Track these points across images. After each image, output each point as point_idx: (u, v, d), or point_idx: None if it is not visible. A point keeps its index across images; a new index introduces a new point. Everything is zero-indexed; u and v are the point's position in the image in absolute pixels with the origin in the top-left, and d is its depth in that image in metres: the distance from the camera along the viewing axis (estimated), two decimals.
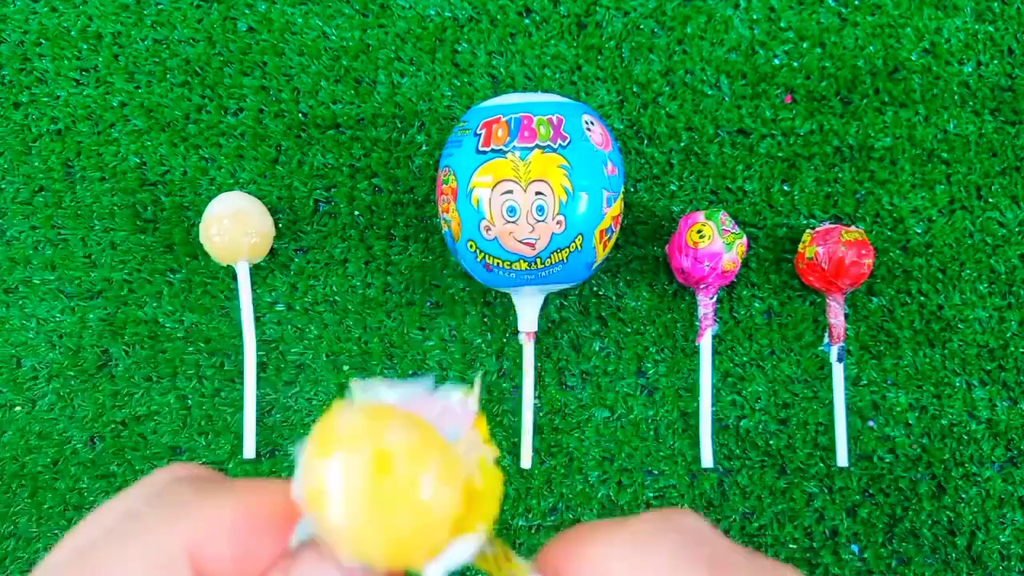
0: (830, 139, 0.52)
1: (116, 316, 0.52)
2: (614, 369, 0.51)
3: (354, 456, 0.17)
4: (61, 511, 0.51)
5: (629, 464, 0.51)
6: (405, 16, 0.53)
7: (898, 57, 0.52)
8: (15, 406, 0.52)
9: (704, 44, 0.52)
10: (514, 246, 0.44)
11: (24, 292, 0.52)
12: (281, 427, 0.51)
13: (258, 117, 0.53)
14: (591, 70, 0.53)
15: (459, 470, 0.18)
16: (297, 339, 0.52)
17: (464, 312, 0.52)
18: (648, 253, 0.52)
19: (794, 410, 0.51)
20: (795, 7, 0.53)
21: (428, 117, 0.53)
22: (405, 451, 0.17)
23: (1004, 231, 0.51)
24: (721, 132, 0.52)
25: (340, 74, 0.53)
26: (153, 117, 0.53)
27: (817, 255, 0.48)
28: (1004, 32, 0.52)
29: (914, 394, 0.50)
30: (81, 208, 0.53)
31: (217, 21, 0.53)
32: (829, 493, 0.50)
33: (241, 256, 0.49)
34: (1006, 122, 0.52)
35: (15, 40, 0.54)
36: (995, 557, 0.49)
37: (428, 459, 0.17)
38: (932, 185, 0.52)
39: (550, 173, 0.43)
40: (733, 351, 0.51)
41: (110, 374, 0.52)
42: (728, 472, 0.50)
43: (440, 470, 0.17)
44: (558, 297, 0.52)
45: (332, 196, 0.53)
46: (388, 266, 0.52)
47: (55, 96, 0.53)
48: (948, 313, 0.51)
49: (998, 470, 0.50)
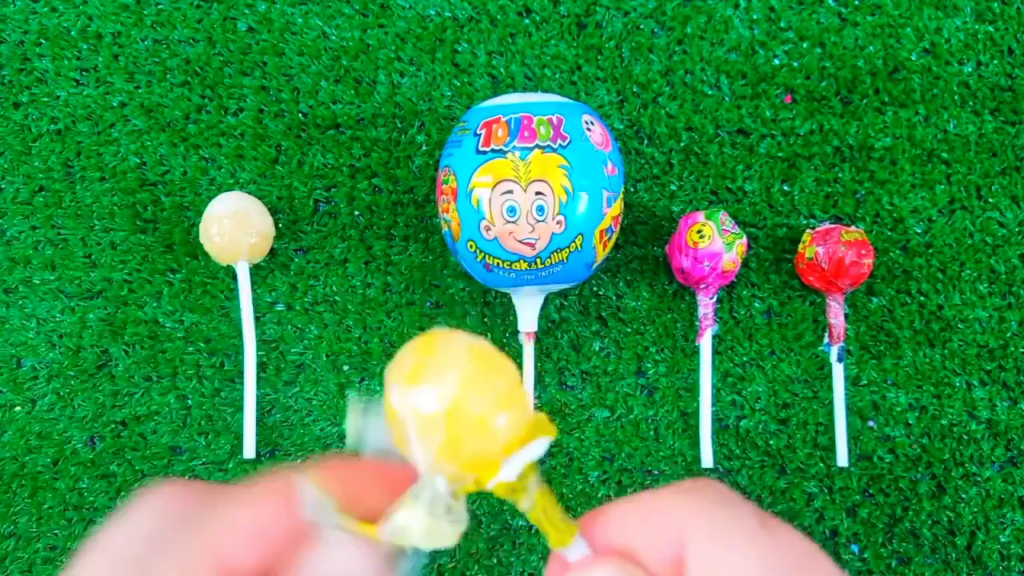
0: (830, 139, 0.52)
1: (116, 316, 0.52)
2: (614, 369, 0.51)
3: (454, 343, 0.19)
4: (61, 511, 0.51)
5: (629, 464, 0.51)
6: (405, 16, 0.53)
7: (898, 57, 0.52)
8: (15, 406, 0.52)
9: (704, 44, 0.52)
10: (514, 246, 0.44)
11: (24, 292, 0.52)
12: (281, 427, 0.51)
13: (258, 117, 0.53)
14: (591, 70, 0.53)
15: (522, 389, 0.20)
16: (297, 339, 0.52)
17: (464, 312, 0.52)
18: (648, 253, 0.52)
19: (794, 410, 0.51)
20: (795, 7, 0.53)
21: (428, 117, 0.53)
22: (487, 352, 0.19)
23: (1004, 231, 0.51)
24: (721, 132, 0.52)
25: (340, 74, 0.53)
26: (153, 117, 0.53)
27: (817, 255, 0.48)
28: (1004, 32, 0.52)
29: (914, 394, 0.50)
30: (81, 208, 0.53)
31: (217, 21, 0.53)
32: (829, 493, 0.50)
33: (241, 256, 0.49)
34: (1006, 122, 0.52)
35: (15, 40, 0.54)
36: (995, 557, 0.49)
37: (504, 365, 0.20)
38: (932, 185, 0.52)
39: (550, 173, 0.43)
40: (733, 351, 0.51)
41: (110, 374, 0.52)
42: (728, 472, 0.50)
43: (516, 380, 0.20)
44: (558, 297, 0.52)
45: (332, 196, 0.53)
46: (388, 266, 0.52)
47: (55, 96, 0.53)
48: (948, 313, 0.51)
49: (998, 470, 0.50)
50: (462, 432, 0.18)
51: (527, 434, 0.19)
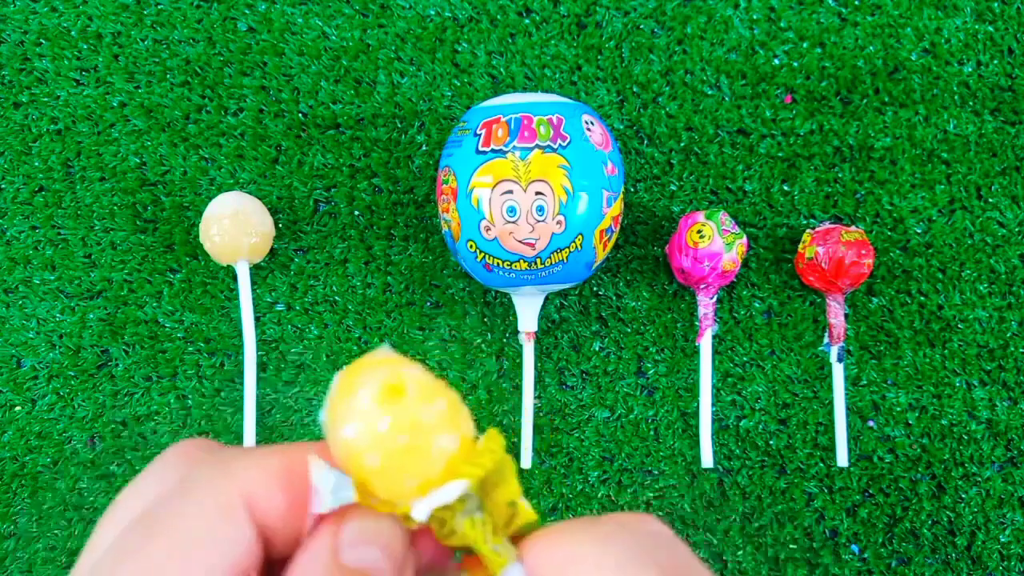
0: (830, 139, 0.52)
1: (116, 316, 0.52)
2: (614, 369, 0.51)
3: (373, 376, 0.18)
4: (61, 511, 0.51)
5: (629, 464, 0.51)
6: (405, 16, 0.53)
7: (898, 57, 0.52)
8: (15, 406, 0.52)
9: (704, 44, 0.52)
10: (514, 246, 0.44)
11: (24, 292, 0.52)
12: (281, 427, 0.51)
13: (258, 117, 0.53)
14: (591, 70, 0.53)
15: (463, 420, 0.19)
16: (297, 339, 0.52)
17: (464, 312, 0.52)
18: (648, 253, 0.52)
19: (794, 410, 0.51)
20: (795, 7, 0.53)
21: (428, 117, 0.53)
22: (417, 383, 0.19)
23: (1004, 231, 0.51)
24: (721, 132, 0.52)
25: (340, 74, 0.53)
26: (153, 117, 0.53)
27: (817, 255, 0.48)
28: (1004, 32, 0.52)
29: (914, 394, 0.50)
30: (81, 208, 0.53)
31: (217, 21, 0.53)
32: (829, 493, 0.50)
33: (241, 256, 0.49)
34: (1006, 122, 0.52)
35: (15, 40, 0.54)
36: (995, 557, 0.49)
37: (436, 395, 0.19)
38: (932, 185, 0.52)
39: (550, 173, 0.43)
40: (733, 351, 0.51)
41: (110, 374, 0.52)
42: (728, 472, 0.50)
43: (446, 409, 0.19)
44: (558, 297, 0.52)
45: (332, 196, 0.53)
46: (388, 266, 0.52)
47: (55, 96, 0.53)
48: (948, 313, 0.51)
49: (998, 470, 0.50)
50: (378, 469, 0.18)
51: (447, 473, 0.19)
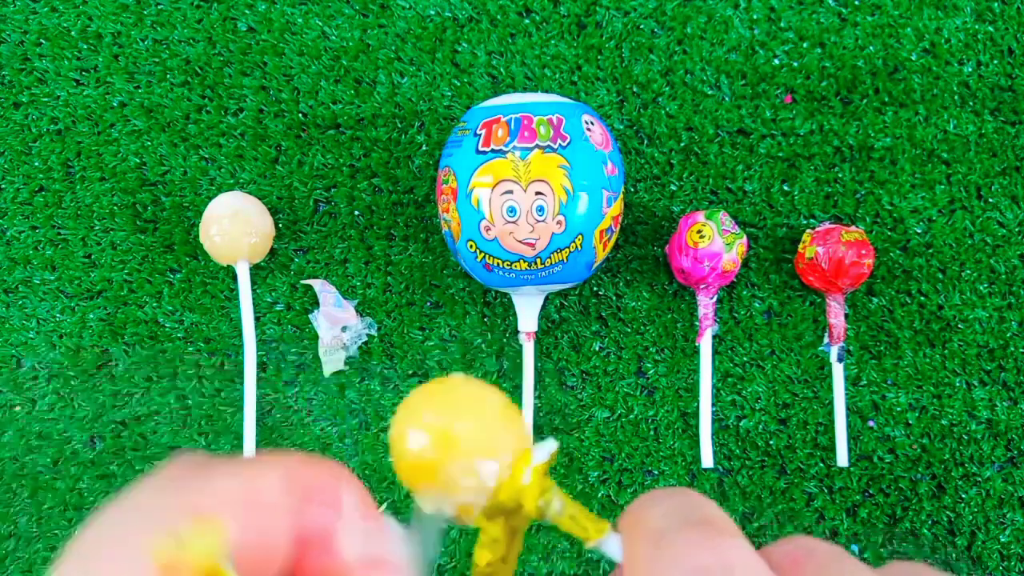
0: (830, 139, 0.52)
1: (116, 316, 0.52)
2: (614, 369, 0.51)
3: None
4: (61, 511, 0.51)
5: (629, 464, 0.51)
6: (405, 16, 0.53)
7: (898, 57, 0.52)
8: (15, 406, 0.52)
9: (704, 44, 0.52)
10: (514, 246, 0.44)
11: (24, 292, 0.52)
12: (281, 427, 0.51)
13: (258, 117, 0.53)
14: (591, 70, 0.53)
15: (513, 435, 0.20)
16: (297, 339, 0.52)
17: (464, 312, 0.52)
18: (648, 253, 0.52)
19: (794, 410, 0.51)
20: (795, 7, 0.53)
21: (428, 117, 0.53)
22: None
23: (1004, 231, 0.51)
24: (721, 132, 0.52)
25: (340, 74, 0.53)
26: (153, 117, 0.53)
27: (817, 255, 0.48)
28: (1004, 32, 0.52)
29: (914, 394, 0.50)
30: (81, 208, 0.53)
31: (217, 21, 0.53)
32: (829, 493, 0.50)
33: (241, 256, 0.49)
34: (1006, 122, 0.52)
35: (15, 40, 0.54)
36: (995, 557, 0.49)
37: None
38: (932, 185, 0.52)
39: (550, 173, 0.43)
40: (733, 351, 0.51)
41: (110, 374, 0.52)
42: (728, 472, 0.50)
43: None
44: (558, 297, 0.52)
45: (332, 196, 0.53)
46: (388, 266, 0.52)
47: (55, 96, 0.53)
48: (948, 313, 0.51)
49: (998, 470, 0.50)
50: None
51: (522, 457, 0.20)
